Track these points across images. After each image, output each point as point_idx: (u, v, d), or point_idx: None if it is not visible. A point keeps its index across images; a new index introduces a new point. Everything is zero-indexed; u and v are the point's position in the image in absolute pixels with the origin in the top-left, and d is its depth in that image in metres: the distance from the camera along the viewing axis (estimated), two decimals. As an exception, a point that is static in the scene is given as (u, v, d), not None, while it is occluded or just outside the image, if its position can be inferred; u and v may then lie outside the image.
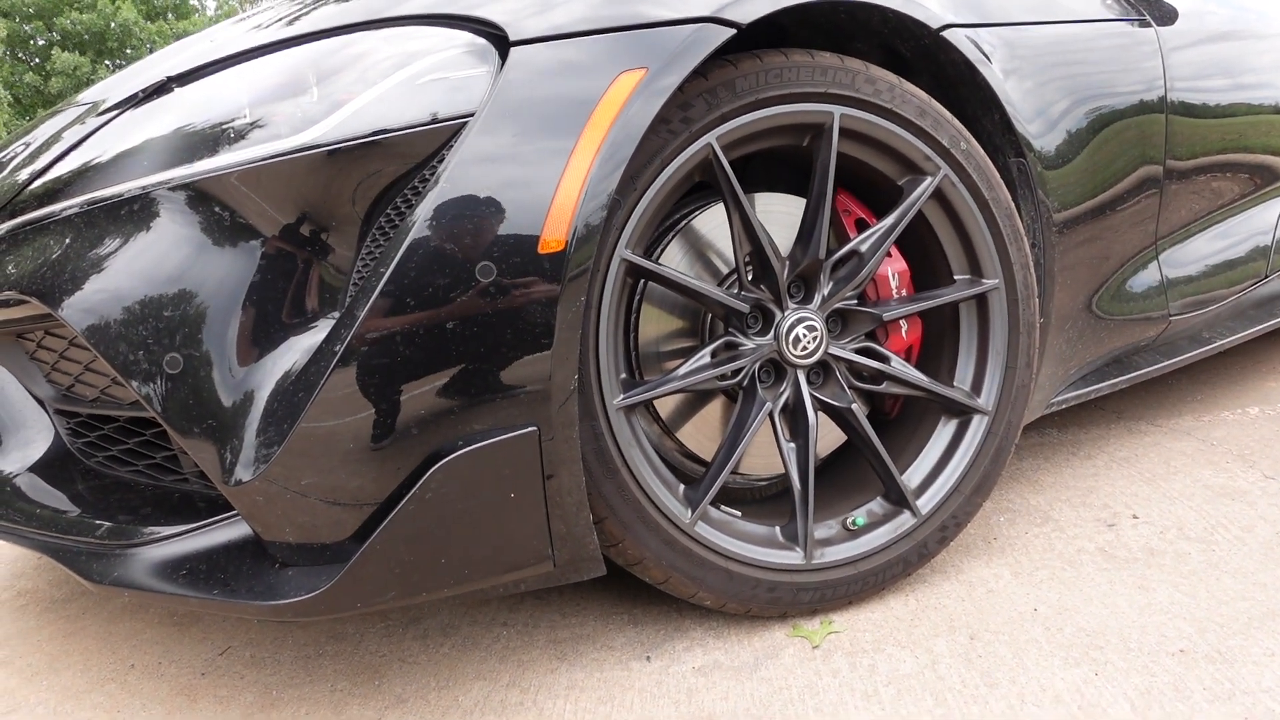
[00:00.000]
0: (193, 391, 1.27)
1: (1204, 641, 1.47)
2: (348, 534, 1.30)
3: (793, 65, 1.52)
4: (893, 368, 1.68)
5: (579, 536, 1.40)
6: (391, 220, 1.28)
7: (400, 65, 1.33)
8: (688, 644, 1.60)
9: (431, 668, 1.60)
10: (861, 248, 1.62)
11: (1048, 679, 1.41)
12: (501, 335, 1.26)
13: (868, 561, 1.64)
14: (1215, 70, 2.36)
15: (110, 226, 1.33)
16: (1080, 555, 1.80)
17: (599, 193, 1.29)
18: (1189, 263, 2.35)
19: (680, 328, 1.65)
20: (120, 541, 1.42)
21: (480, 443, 1.28)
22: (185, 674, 1.65)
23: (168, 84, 1.47)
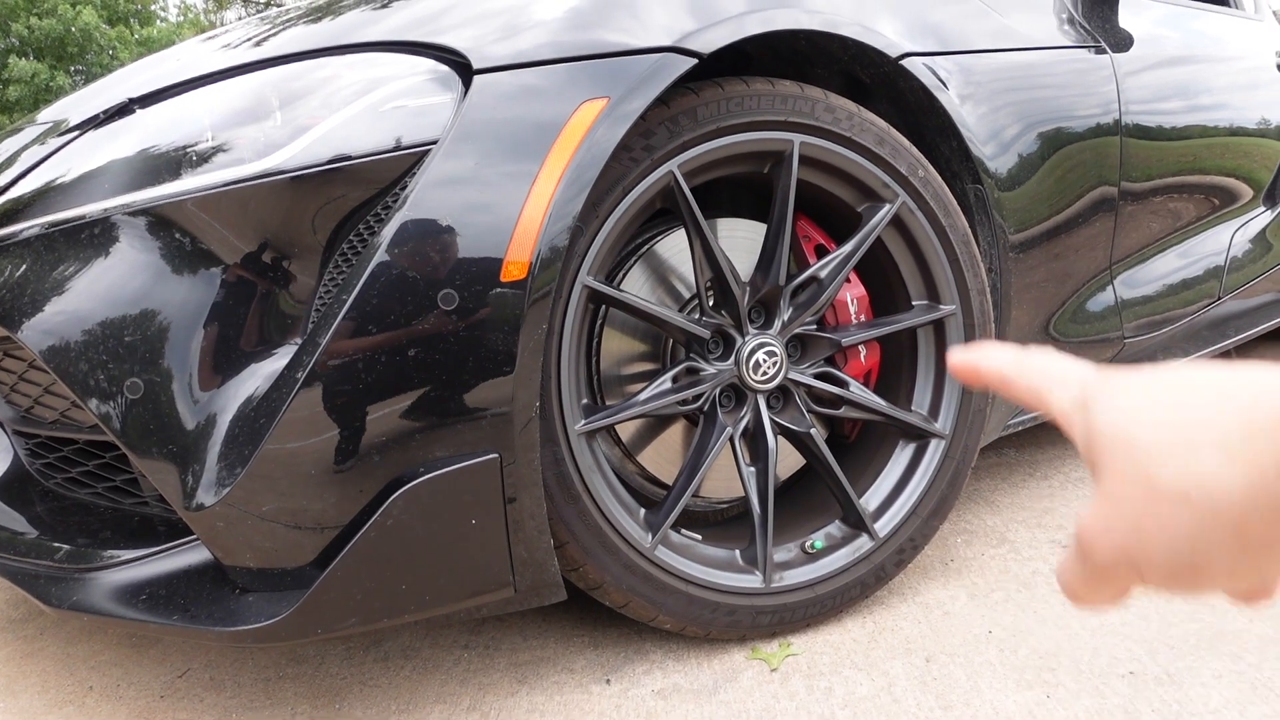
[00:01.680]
0: (153, 415, 1.27)
1: (1154, 663, 1.50)
2: (309, 559, 1.30)
3: (754, 94, 1.54)
4: (851, 392, 1.70)
5: (540, 561, 1.40)
6: (354, 246, 1.29)
7: (364, 91, 1.33)
8: (648, 667, 1.61)
9: (392, 691, 1.60)
10: (821, 274, 1.64)
11: (1001, 701, 1.43)
12: (464, 361, 1.27)
13: (826, 584, 1.66)
14: (1170, 94, 2.41)
15: (70, 249, 1.32)
16: (1035, 577, 1.82)
17: (562, 218, 1.30)
18: (1144, 284, 2.39)
19: (642, 352, 1.66)
20: (79, 565, 1.41)
21: (442, 469, 1.29)
22: (144, 696, 1.64)
23: (130, 105, 1.47)
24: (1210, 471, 0.35)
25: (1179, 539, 0.36)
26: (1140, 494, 0.38)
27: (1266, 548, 0.34)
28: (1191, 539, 0.36)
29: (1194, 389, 0.38)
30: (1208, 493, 0.35)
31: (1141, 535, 0.38)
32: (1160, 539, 0.37)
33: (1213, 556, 0.36)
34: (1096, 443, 0.41)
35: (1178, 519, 0.36)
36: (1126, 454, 0.39)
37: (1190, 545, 0.36)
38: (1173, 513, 0.36)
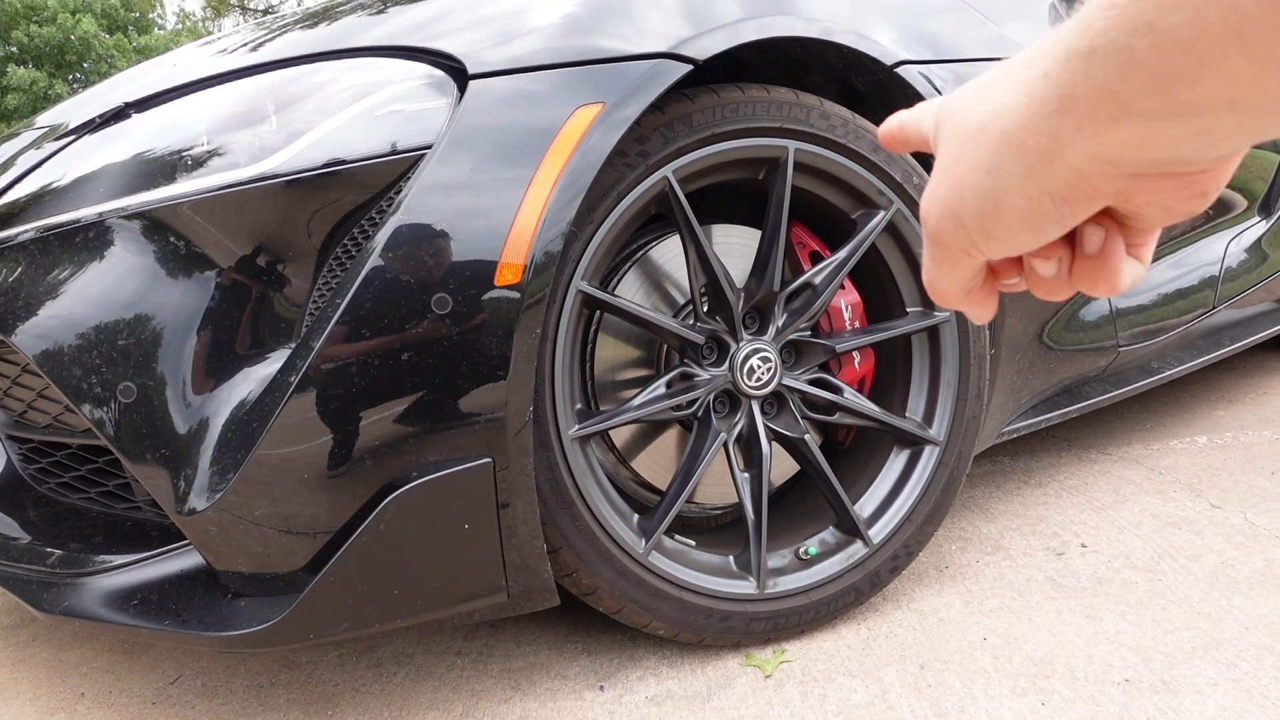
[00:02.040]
0: (146, 420, 1.27)
1: (1149, 671, 1.50)
2: (301, 564, 1.30)
3: (749, 100, 1.54)
4: (846, 398, 1.70)
5: (533, 567, 1.40)
6: (349, 250, 1.29)
7: (359, 96, 1.33)
8: (641, 673, 1.61)
9: (385, 697, 1.59)
10: (815, 280, 1.64)
11: (996, 709, 1.43)
12: (457, 365, 1.27)
13: (820, 591, 1.66)
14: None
15: (65, 253, 1.32)
16: (1029, 584, 1.82)
17: (556, 223, 1.30)
18: (1138, 293, 2.40)
19: (636, 358, 1.66)
20: (71, 570, 1.41)
21: (435, 473, 1.29)
22: (136, 703, 1.63)
23: (125, 110, 1.47)
24: (1001, 99, 0.39)
25: (980, 171, 0.40)
26: (955, 145, 0.42)
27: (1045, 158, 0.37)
28: (989, 167, 0.39)
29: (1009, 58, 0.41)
30: (998, 116, 0.39)
31: (955, 181, 0.42)
32: (969, 178, 0.41)
33: (1007, 180, 0.39)
34: (939, 128, 0.45)
35: (980, 151, 0.40)
36: (951, 119, 0.43)
37: (990, 173, 0.39)
38: (977, 147, 0.40)
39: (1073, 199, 0.38)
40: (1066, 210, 0.39)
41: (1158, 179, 0.37)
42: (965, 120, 0.41)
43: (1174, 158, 0.35)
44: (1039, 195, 0.38)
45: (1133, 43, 0.32)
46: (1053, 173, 0.37)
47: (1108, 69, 0.33)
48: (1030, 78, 0.37)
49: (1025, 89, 0.37)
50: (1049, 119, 0.36)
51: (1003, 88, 0.39)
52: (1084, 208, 0.39)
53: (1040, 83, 0.36)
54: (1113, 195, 0.38)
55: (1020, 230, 0.40)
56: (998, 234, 0.41)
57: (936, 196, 0.43)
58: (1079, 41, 0.34)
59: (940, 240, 0.44)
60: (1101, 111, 0.34)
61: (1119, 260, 0.43)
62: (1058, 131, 0.36)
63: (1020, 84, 0.38)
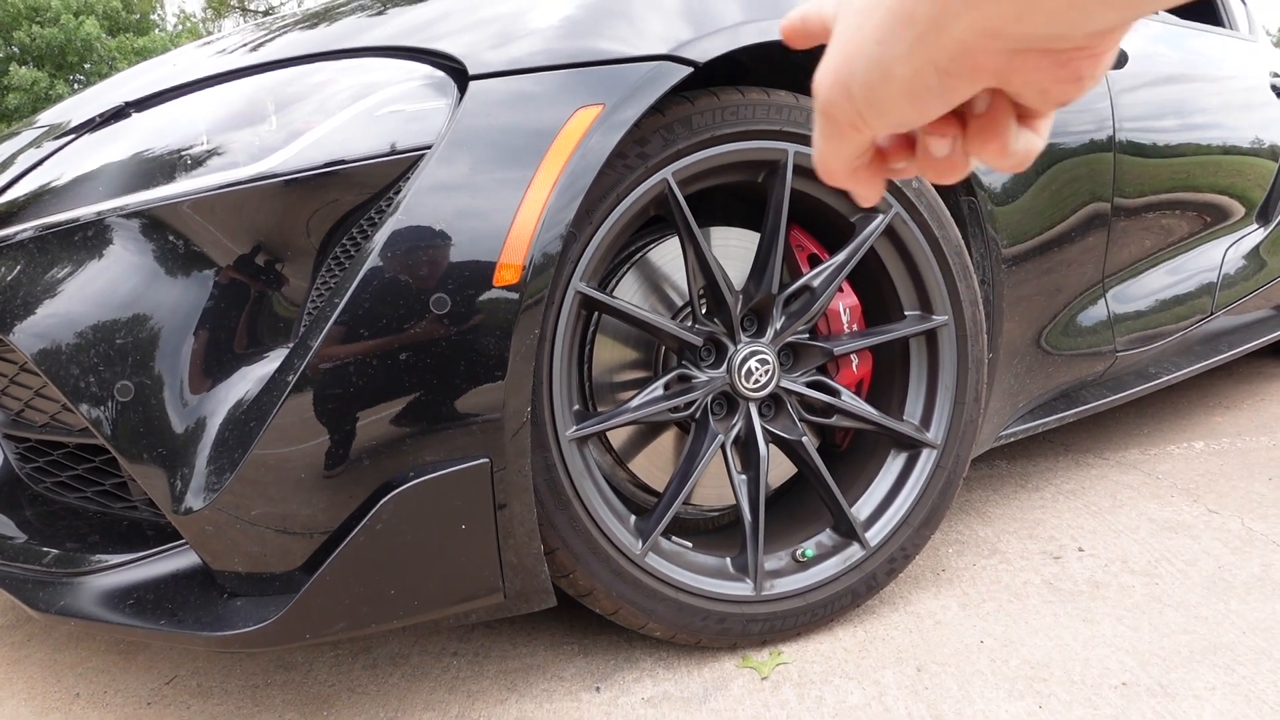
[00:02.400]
0: (143, 419, 1.27)
1: (1146, 675, 1.50)
2: (297, 564, 1.30)
3: (749, 103, 1.54)
4: (843, 401, 1.70)
5: (530, 568, 1.40)
6: (347, 250, 1.29)
7: (359, 96, 1.33)
8: (637, 675, 1.60)
9: (380, 698, 1.59)
10: (814, 283, 1.64)
11: (993, 711, 1.43)
12: (455, 366, 1.27)
13: (817, 593, 1.66)
14: (1165, 111, 2.42)
15: (64, 252, 1.32)
16: (1026, 587, 1.82)
17: (555, 224, 1.30)
18: (1136, 299, 2.40)
19: (634, 359, 1.66)
20: (67, 569, 1.41)
21: (432, 473, 1.29)
22: (130, 704, 1.63)
23: (125, 109, 1.47)
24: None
25: (870, 40, 0.40)
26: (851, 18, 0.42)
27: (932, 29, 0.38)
28: (878, 37, 0.40)
29: None
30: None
31: (847, 52, 0.42)
32: (860, 49, 0.41)
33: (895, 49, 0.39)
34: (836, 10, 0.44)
35: (871, 22, 0.40)
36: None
37: (880, 44, 0.40)
38: (868, 18, 0.40)
39: (955, 72, 0.39)
40: (949, 84, 0.40)
41: (1036, 56, 0.38)
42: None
43: (1052, 33, 0.36)
44: (924, 66, 0.39)
45: None
46: (939, 43, 0.38)
47: None
48: None
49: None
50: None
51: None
52: (966, 83, 0.40)
53: None
54: (993, 72, 0.39)
55: (904, 102, 0.41)
56: (884, 105, 0.42)
57: (829, 68, 0.43)
58: None
59: (829, 112, 0.44)
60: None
61: (1008, 121, 0.43)
62: (944, 2, 0.37)
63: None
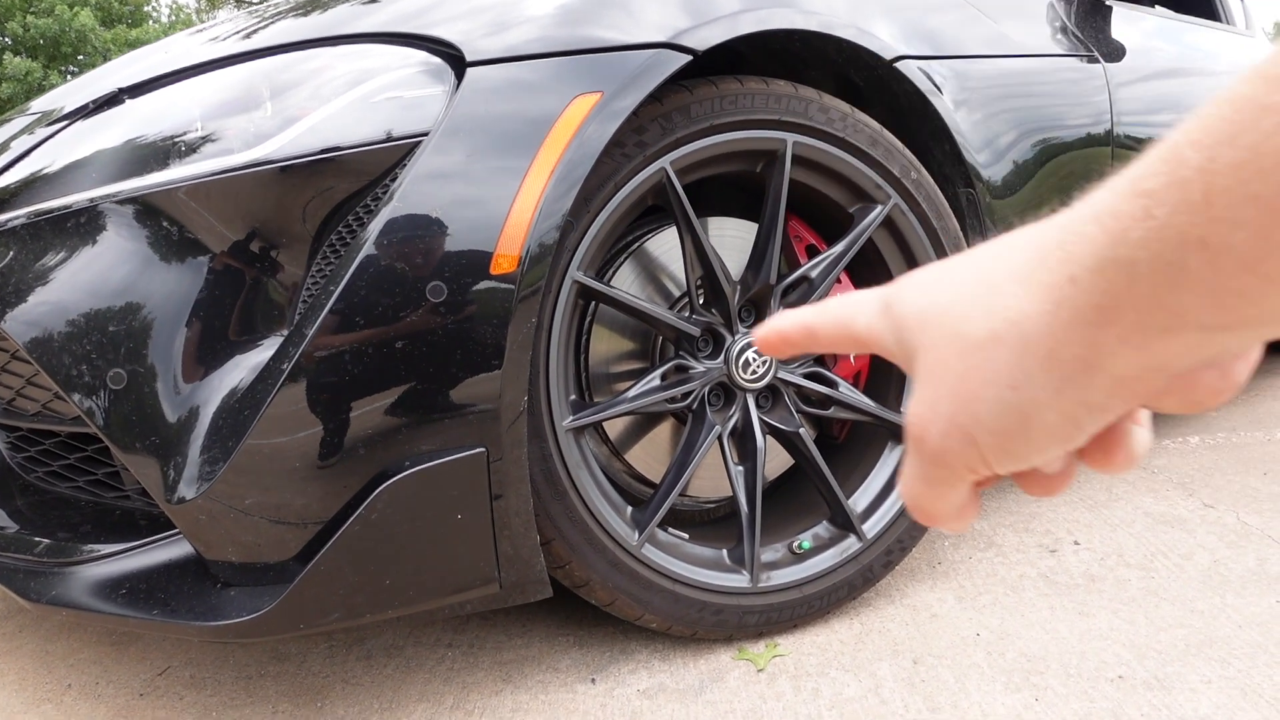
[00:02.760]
0: (136, 407, 1.26)
1: (1142, 668, 1.49)
2: (291, 554, 1.29)
3: (747, 92, 1.53)
4: (841, 393, 1.69)
5: (526, 558, 1.39)
6: (343, 238, 1.28)
7: (355, 83, 1.32)
8: (633, 666, 1.60)
9: (375, 689, 1.58)
10: (812, 274, 1.64)
11: (989, 704, 1.42)
12: (451, 355, 1.26)
13: (813, 585, 1.65)
14: (1161, 105, 2.41)
15: (56, 239, 1.31)
16: (1023, 580, 1.82)
17: (552, 213, 1.29)
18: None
19: (631, 350, 1.65)
20: (59, 559, 1.39)
21: (428, 463, 1.28)
22: (123, 695, 1.62)
23: (119, 95, 1.46)
24: (1014, 304, 0.35)
25: (1001, 385, 0.36)
26: (955, 354, 0.37)
27: (1082, 369, 0.34)
28: (1013, 380, 0.35)
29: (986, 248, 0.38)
30: (1015, 325, 0.35)
31: (965, 396, 0.37)
32: (984, 393, 0.36)
33: (1036, 394, 0.35)
34: (905, 331, 0.40)
35: (995, 363, 0.36)
36: (935, 323, 0.38)
37: (1013, 389, 0.35)
38: (989, 359, 0.36)
39: (1109, 406, 0.35)
40: (1100, 418, 0.36)
41: (1199, 372, 0.34)
42: (964, 326, 0.37)
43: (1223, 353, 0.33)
44: (1074, 407, 0.35)
45: (1183, 258, 0.29)
46: (1091, 384, 0.34)
47: (1155, 283, 0.30)
48: (1048, 281, 0.34)
49: (1046, 294, 0.34)
50: (1085, 329, 0.33)
51: (1009, 290, 0.36)
52: (1119, 412, 0.36)
53: (1067, 288, 0.33)
54: (1151, 396, 0.35)
55: (1047, 444, 0.36)
56: (1019, 451, 0.37)
57: (938, 414, 0.38)
58: (1114, 251, 0.31)
59: (943, 461, 0.39)
60: (1153, 324, 0.32)
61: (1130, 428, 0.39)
62: (1097, 342, 0.33)
63: (1036, 288, 0.34)
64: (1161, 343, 0.32)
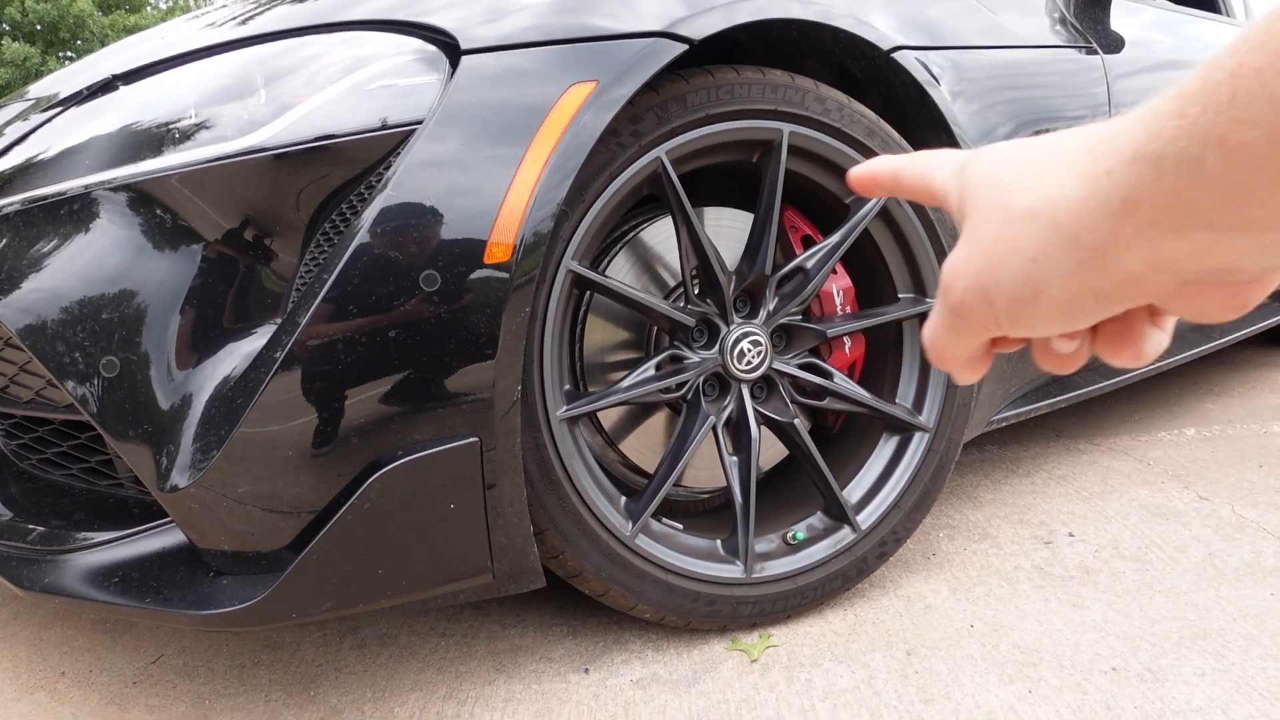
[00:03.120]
0: (129, 395, 1.26)
1: (1136, 660, 1.50)
2: (284, 543, 1.28)
3: (744, 82, 1.53)
4: (836, 384, 1.69)
5: (519, 548, 1.39)
6: (336, 226, 1.27)
7: (350, 70, 1.32)
8: (626, 657, 1.60)
9: (368, 678, 1.58)
10: (807, 264, 1.63)
11: (982, 696, 1.42)
12: (445, 344, 1.26)
13: (807, 576, 1.65)
14: (1159, 97, 2.40)
15: (50, 225, 1.30)
16: (1017, 572, 1.82)
17: (547, 202, 1.29)
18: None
19: (626, 340, 1.65)
20: (52, 547, 1.39)
21: (421, 452, 1.27)
22: (116, 682, 1.62)
23: (113, 82, 1.45)
24: (1056, 186, 0.38)
25: (1024, 255, 0.39)
26: (996, 222, 0.40)
27: (1098, 257, 0.36)
28: (1035, 253, 0.38)
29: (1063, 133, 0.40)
30: (1051, 205, 0.38)
31: (992, 259, 0.40)
32: (1009, 259, 0.39)
33: (1052, 270, 0.38)
34: (967, 194, 0.43)
35: (1026, 235, 0.39)
36: (990, 191, 0.42)
37: (1034, 261, 0.38)
38: (1022, 230, 0.39)
39: (1116, 297, 0.38)
40: (1106, 306, 0.38)
41: (1206, 286, 0.36)
42: (1010, 198, 0.40)
43: (1230, 267, 0.35)
44: (1082, 290, 0.38)
45: (1203, 154, 0.32)
46: (1104, 272, 0.37)
47: (1176, 178, 0.33)
48: (1090, 170, 0.36)
49: (1085, 182, 0.36)
50: (1109, 219, 0.35)
51: (1057, 174, 0.38)
52: (1124, 305, 0.38)
53: (1102, 179, 0.36)
54: (1157, 298, 0.37)
55: (1053, 319, 0.40)
56: (1027, 319, 0.41)
57: (966, 269, 0.42)
58: (1147, 146, 0.34)
59: (962, 313, 0.43)
60: (1166, 220, 0.34)
61: (1144, 327, 0.42)
62: (1116, 232, 0.35)
63: (1079, 175, 0.37)
64: (1171, 241, 0.34)
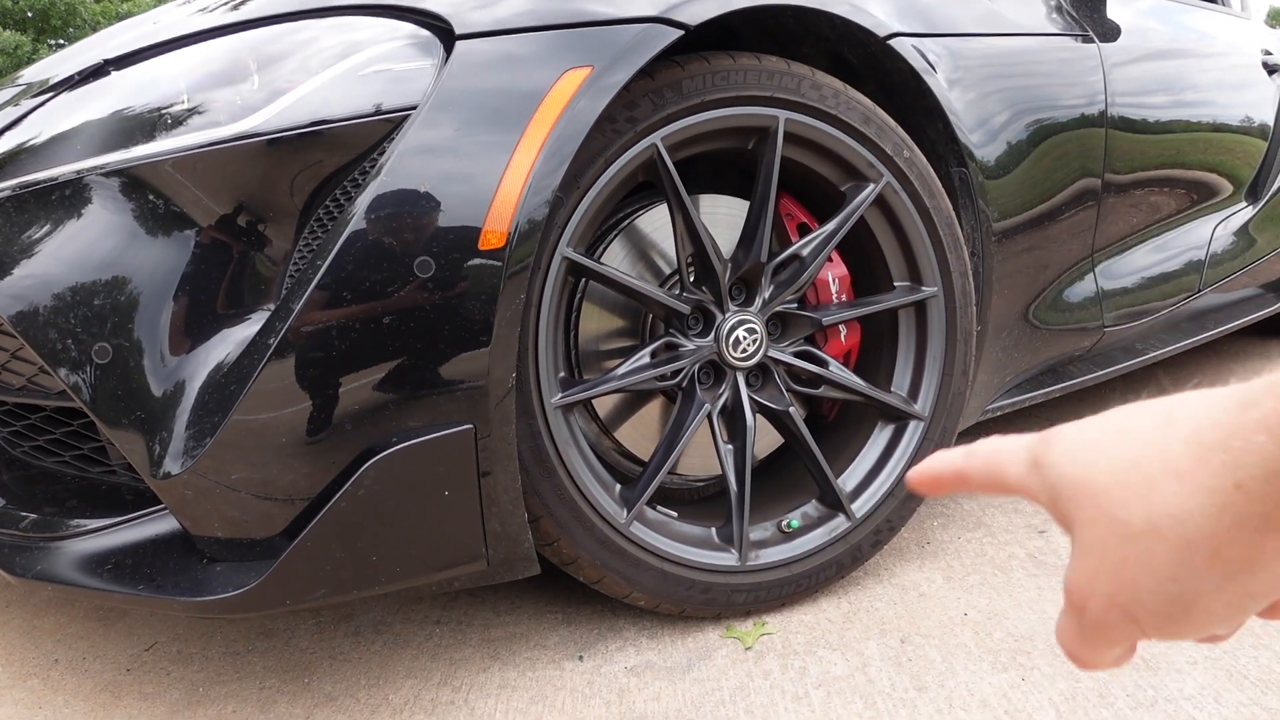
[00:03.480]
0: (121, 382, 1.25)
1: (1129, 648, 1.50)
2: (278, 530, 1.28)
3: (739, 68, 1.52)
4: (831, 372, 1.69)
5: (514, 535, 1.39)
6: (330, 212, 1.27)
7: (343, 55, 1.31)
8: (621, 644, 1.60)
9: (362, 665, 1.58)
10: (803, 252, 1.63)
11: (976, 683, 1.43)
12: (439, 331, 1.25)
13: (802, 564, 1.65)
14: (1156, 87, 2.40)
15: (42, 211, 1.30)
16: (1011, 561, 1.82)
17: (542, 189, 1.28)
18: (1125, 275, 2.39)
19: (621, 327, 1.65)
20: (45, 534, 1.39)
21: (415, 439, 1.27)
22: (110, 670, 1.62)
23: (105, 67, 1.44)
24: (1174, 503, 0.35)
25: (1163, 576, 0.36)
26: (1114, 538, 0.38)
27: (1245, 569, 0.34)
28: (1174, 573, 0.36)
29: (1138, 425, 0.38)
30: (1178, 522, 0.35)
31: (1125, 580, 0.38)
32: (1145, 580, 0.37)
33: (1198, 587, 0.36)
34: (1060, 497, 0.41)
35: (1156, 556, 0.36)
36: (1090, 501, 0.39)
37: (1175, 580, 0.36)
38: (1150, 550, 0.36)
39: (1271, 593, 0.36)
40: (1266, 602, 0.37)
41: None
42: (1121, 513, 0.37)
43: None
44: (1240, 598, 0.36)
45: None
46: (1255, 579, 0.35)
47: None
48: (1213, 485, 0.34)
49: (1210, 498, 0.34)
50: (1251, 534, 0.34)
51: (1169, 485, 0.36)
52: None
53: (1233, 495, 0.34)
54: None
55: (1214, 626, 0.38)
56: (1184, 631, 0.38)
57: (1097, 589, 0.39)
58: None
59: (1104, 630, 0.40)
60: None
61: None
62: (1261, 545, 0.34)
63: (1199, 490, 0.35)
64: None
